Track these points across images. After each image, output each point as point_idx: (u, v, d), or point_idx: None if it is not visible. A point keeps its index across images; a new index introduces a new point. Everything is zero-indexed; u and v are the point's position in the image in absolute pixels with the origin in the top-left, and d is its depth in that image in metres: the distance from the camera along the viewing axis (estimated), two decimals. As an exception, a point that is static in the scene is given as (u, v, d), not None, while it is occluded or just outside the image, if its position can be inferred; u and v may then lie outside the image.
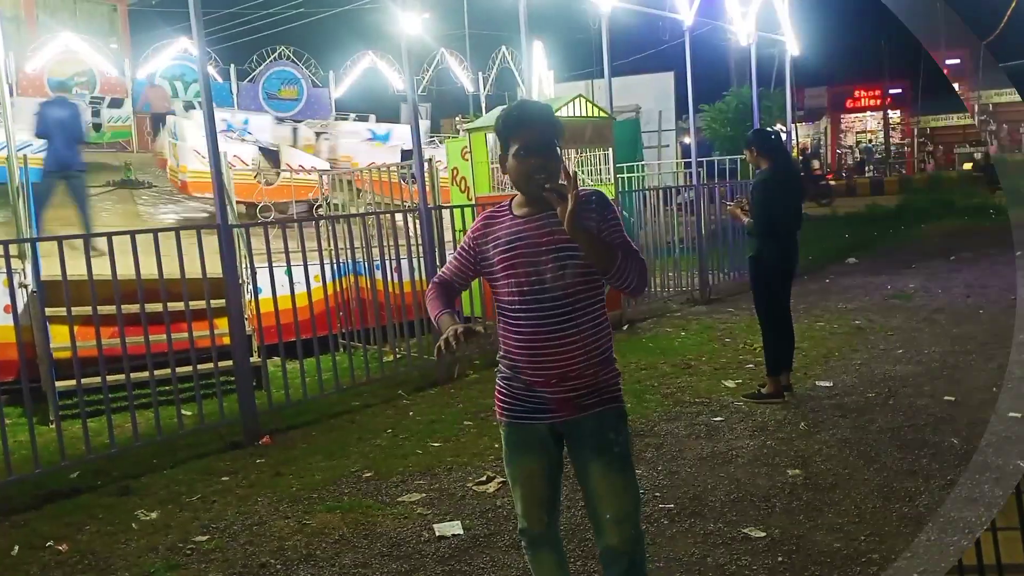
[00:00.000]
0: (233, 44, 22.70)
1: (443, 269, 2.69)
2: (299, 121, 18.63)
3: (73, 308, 5.03)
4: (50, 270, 5.43)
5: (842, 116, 41.25)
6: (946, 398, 5.56)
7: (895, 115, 40.19)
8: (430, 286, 2.66)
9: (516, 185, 2.49)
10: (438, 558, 3.66)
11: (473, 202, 8.41)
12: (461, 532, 3.89)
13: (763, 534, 3.69)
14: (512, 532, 3.84)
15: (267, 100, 19.95)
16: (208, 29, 24.26)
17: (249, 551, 3.86)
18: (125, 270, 5.24)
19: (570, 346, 2.43)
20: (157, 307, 5.37)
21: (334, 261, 6.97)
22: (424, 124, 18.58)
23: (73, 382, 5.13)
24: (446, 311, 2.53)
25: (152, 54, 19.16)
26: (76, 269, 5.10)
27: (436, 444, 5.27)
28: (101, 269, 5.19)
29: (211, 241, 5.53)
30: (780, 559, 3.46)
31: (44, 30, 20.19)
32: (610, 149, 9.15)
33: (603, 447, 2.48)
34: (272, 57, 20.89)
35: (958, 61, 31.99)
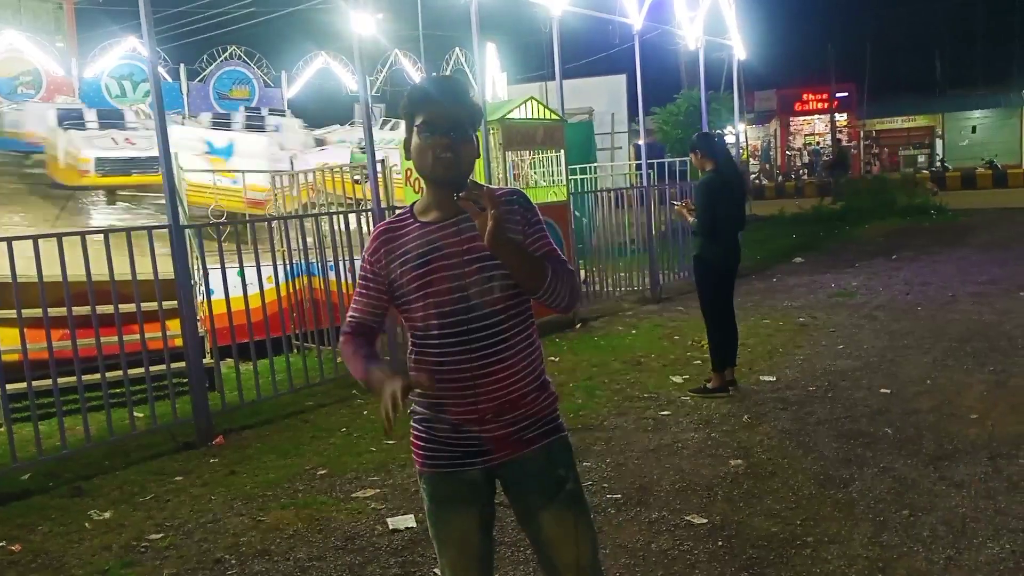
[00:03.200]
0: (183, 43, 22.43)
1: (350, 312, 2.22)
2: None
3: (23, 310, 5.00)
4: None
5: (791, 119, 42.08)
6: (882, 390, 5.79)
7: (842, 118, 41.11)
8: (341, 339, 2.20)
9: (419, 171, 2.10)
10: (391, 550, 3.75)
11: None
12: (414, 525, 3.97)
13: (705, 520, 3.84)
14: (464, 524, 3.94)
15: (218, 100, 19.77)
16: (157, 28, 23.91)
17: (204, 548, 3.90)
18: (75, 271, 5.22)
19: (505, 372, 2.07)
20: (108, 309, 5.36)
21: (287, 262, 7.00)
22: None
23: (22, 384, 5.09)
24: (372, 364, 2.09)
25: (99, 53, 18.86)
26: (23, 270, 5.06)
27: (390, 442, 5.33)
28: (51, 270, 5.16)
29: (162, 243, 5.53)
30: (720, 544, 3.61)
31: (-13, 28, 19.75)
32: (562, 151, 9.29)
33: (554, 487, 2.13)
34: (223, 57, 20.69)
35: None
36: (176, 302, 5.67)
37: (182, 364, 5.73)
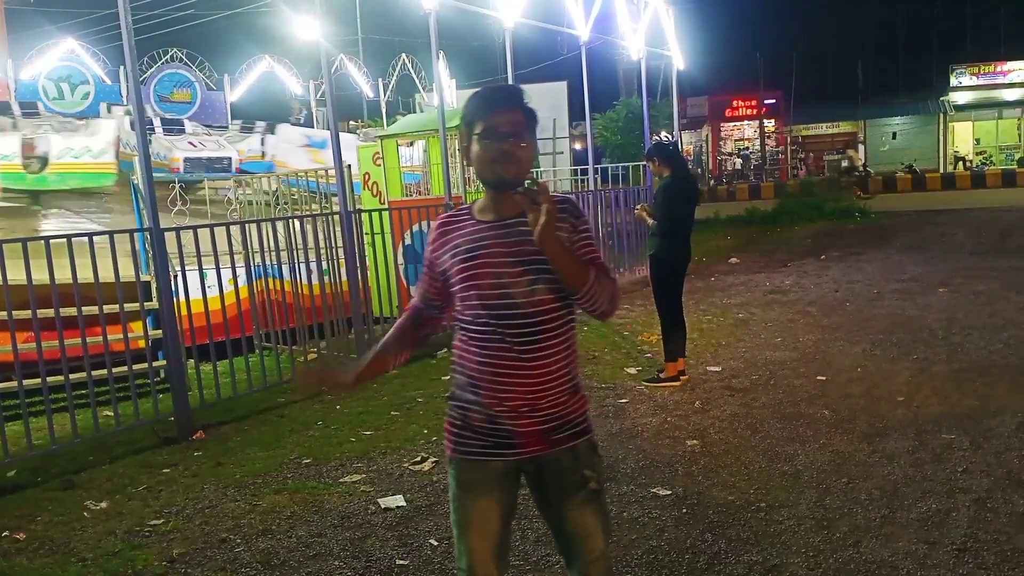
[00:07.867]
0: (121, 44, 22.14)
1: (414, 291, 2.39)
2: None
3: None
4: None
5: (722, 124, 43.29)
6: (818, 378, 6.33)
7: (770, 124, 42.47)
8: (401, 313, 2.41)
9: (479, 175, 2.22)
10: (387, 526, 4.07)
11: (386, 206, 8.80)
12: (404, 504, 4.31)
13: (669, 492, 4.28)
14: (451, 501, 4.29)
15: (159, 103, 19.58)
16: (95, 28, 23.53)
17: (207, 530, 4.16)
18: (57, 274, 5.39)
19: (541, 371, 2.18)
20: (92, 310, 5.54)
21: (252, 264, 7.23)
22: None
23: (12, 384, 5.24)
24: (373, 350, 2.39)
25: (36, 55, 18.53)
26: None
27: (367, 433, 5.64)
28: (28, 274, 5.27)
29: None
30: (684, 511, 4.05)
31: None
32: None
33: (578, 485, 2.24)
34: (164, 59, 20.49)
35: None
36: (144, 303, 5.87)
37: (162, 363, 5.92)
